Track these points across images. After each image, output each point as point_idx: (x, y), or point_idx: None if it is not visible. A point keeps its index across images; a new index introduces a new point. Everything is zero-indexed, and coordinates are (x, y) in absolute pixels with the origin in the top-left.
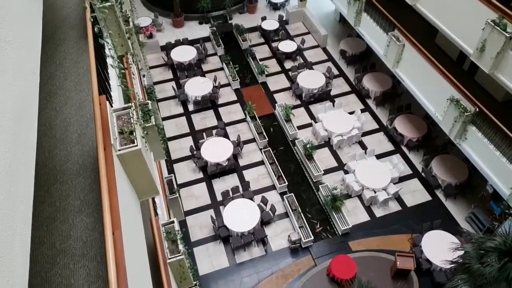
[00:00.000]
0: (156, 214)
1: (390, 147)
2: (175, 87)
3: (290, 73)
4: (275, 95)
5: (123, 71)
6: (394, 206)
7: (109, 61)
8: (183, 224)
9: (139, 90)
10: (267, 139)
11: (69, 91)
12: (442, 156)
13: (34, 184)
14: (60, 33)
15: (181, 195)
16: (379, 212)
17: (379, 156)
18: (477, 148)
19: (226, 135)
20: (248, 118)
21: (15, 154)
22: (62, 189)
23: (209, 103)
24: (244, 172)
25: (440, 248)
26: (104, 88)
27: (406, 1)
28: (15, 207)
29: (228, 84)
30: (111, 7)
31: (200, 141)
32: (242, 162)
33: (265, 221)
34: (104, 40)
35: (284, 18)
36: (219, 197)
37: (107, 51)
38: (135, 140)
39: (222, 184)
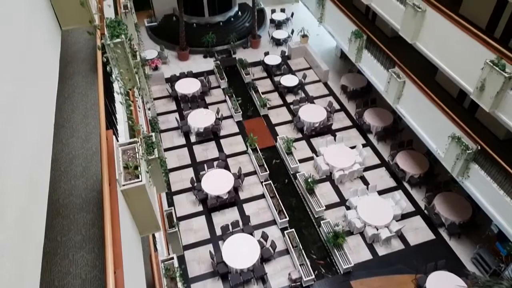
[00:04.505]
0: (155, 249)
1: (392, 183)
2: (178, 118)
3: (291, 106)
4: (277, 128)
5: (130, 107)
6: (397, 245)
7: (116, 94)
8: (181, 259)
9: (144, 123)
10: (268, 172)
11: (76, 124)
12: (445, 193)
13: None
14: (70, 67)
15: (180, 229)
16: (381, 250)
17: (381, 192)
18: (480, 187)
19: (227, 167)
20: (250, 150)
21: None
22: (64, 223)
23: (211, 134)
24: (244, 205)
25: None
26: (111, 122)
27: (406, 39)
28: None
29: (231, 116)
30: (121, 44)
31: (201, 173)
32: (242, 195)
33: (265, 258)
34: (115, 79)
35: (286, 54)
36: (219, 232)
37: (115, 87)
38: (140, 175)
39: (222, 218)
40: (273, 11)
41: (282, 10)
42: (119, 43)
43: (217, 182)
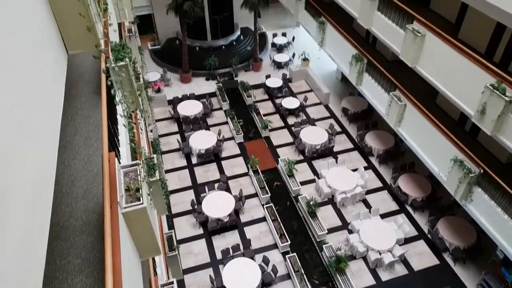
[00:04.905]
0: (155, 273)
1: (394, 206)
2: (179, 140)
3: (293, 128)
4: (278, 150)
5: (133, 130)
6: (401, 270)
7: (119, 117)
8: (181, 284)
9: (145, 144)
10: (270, 194)
11: (78, 146)
12: (449, 217)
13: None
14: (74, 89)
15: (180, 252)
16: (385, 276)
17: (383, 216)
18: (484, 211)
19: (228, 189)
20: (251, 172)
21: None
22: (64, 246)
23: (213, 156)
24: (245, 228)
25: None
26: (113, 144)
27: (406, 63)
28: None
29: (232, 138)
30: (125, 67)
31: (202, 195)
32: (243, 218)
33: (266, 283)
34: (118, 102)
35: (287, 76)
36: (219, 255)
37: (119, 109)
38: (141, 198)
39: (222, 241)
40: (274, 35)
41: (284, 34)
42: (123, 66)
43: (217, 205)
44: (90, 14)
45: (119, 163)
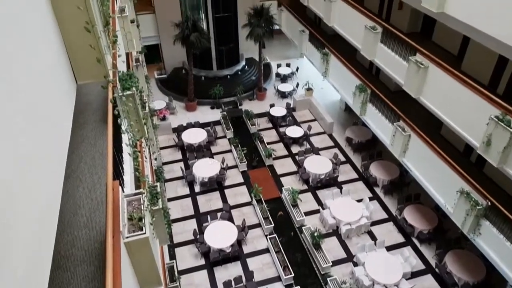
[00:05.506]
0: None
1: (400, 238)
2: (183, 168)
3: (297, 157)
4: (282, 179)
5: (138, 159)
6: None
7: (124, 145)
8: None
9: (149, 172)
10: (273, 224)
11: (83, 174)
12: (456, 251)
13: None
14: (81, 117)
15: (181, 283)
16: None
17: (389, 248)
18: (493, 245)
19: (231, 219)
20: (254, 202)
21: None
22: (64, 276)
23: (216, 184)
24: (248, 260)
25: None
26: (117, 172)
27: (409, 94)
28: None
29: (236, 166)
30: (132, 96)
31: (204, 225)
32: (246, 249)
33: None
34: (124, 131)
35: (291, 106)
36: (221, 287)
37: (124, 137)
38: (144, 228)
39: (224, 273)
40: (278, 66)
41: (288, 65)
42: (130, 96)
43: (220, 235)
44: (100, 46)
45: (123, 191)
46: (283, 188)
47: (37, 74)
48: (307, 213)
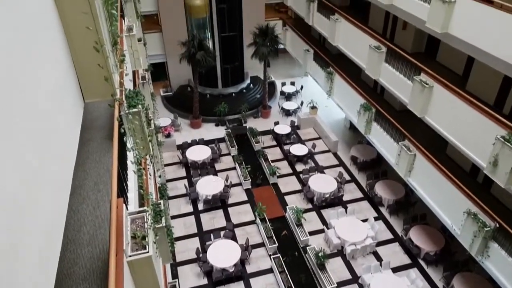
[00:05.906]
0: None
1: (406, 259)
2: (187, 185)
3: (301, 175)
4: (286, 197)
5: (143, 176)
6: None
7: (130, 163)
8: None
9: (153, 190)
10: (277, 244)
11: (87, 191)
12: (464, 274)
13: None
14: (87, 134)
15: None
16: None
17: (395, 270)
18: (502, 268)
19: (234, 237)
20: (258, 220)
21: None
22: None
23: (219, 202)
24: (251, 280)
25: None
26: (121, 190)
27: (414, 113)
28: None
29: (239, 184)
30: (138, 114)
31: (207, 243)
32: (249, 268)
33: None
34: (130, 149)
35: (296, 124)
36: None
37: (130, 157)
38: (147, 246)
39: None
40: (283, 84)
41: (292, 83)
42: (136, 113)
43: (223, 254)
44: (108, 65)
45: (127, 209)
46: (287, 207)
47: (46, 93)
48: (311, 233)
